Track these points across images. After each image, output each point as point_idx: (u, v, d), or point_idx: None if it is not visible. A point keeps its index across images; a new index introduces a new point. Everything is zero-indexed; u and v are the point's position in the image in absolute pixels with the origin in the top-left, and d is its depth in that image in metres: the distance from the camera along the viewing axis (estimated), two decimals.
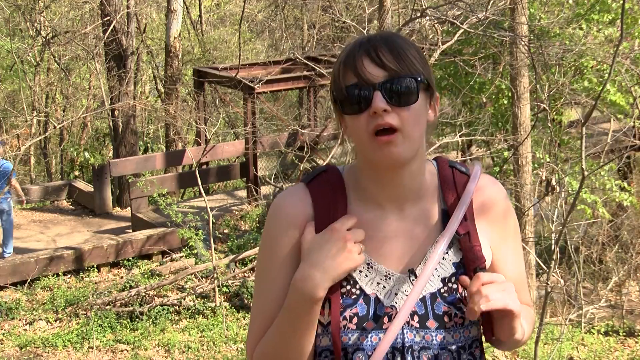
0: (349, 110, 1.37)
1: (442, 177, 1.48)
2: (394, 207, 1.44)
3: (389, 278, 1.41)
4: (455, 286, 1.41)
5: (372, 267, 1.41)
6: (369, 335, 1.38)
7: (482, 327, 1.47)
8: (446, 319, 1.40)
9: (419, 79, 1.35)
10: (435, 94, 1.43)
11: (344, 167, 1.52)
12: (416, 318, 1.39)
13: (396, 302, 1.39)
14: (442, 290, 1.41)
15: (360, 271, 1.41)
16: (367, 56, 1.35)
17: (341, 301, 1.39)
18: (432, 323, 1.40)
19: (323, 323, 1.41)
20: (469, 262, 1.42)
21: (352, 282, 1.40)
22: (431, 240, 1.43)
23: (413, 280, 1.40)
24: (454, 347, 1.41)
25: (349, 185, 1.47)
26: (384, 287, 1.40)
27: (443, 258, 1.42)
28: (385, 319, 1.39)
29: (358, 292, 1.40)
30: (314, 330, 1.39)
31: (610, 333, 8.90)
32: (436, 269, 1.41)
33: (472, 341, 1.45)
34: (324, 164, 9.83)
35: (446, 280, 1.41)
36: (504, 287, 1.35)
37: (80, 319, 7.83)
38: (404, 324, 1.38)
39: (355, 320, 1.39)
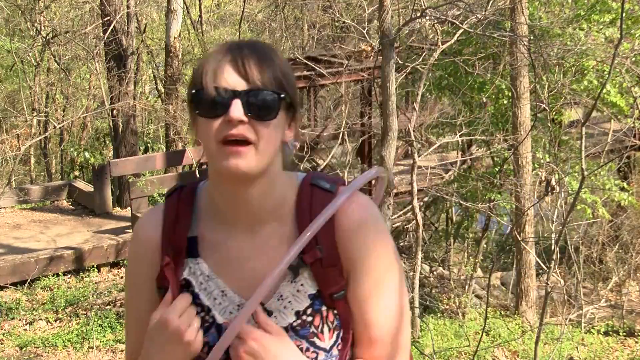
0: (203, 112, 1.29)
1: (298, 198, 1.38)
2: (245, 228, 1.37)
3: (242, 307, 1.34)
4: (310, 319, 1.34)
5: (225, 295, 1.36)
6: None
7: None
8: None
9: (282, 95, 1.29)
10: (297, 114, 1.36)
11: (204, 183, 1.44)
12: None
13: None
14: (294, 324, 1.33)
15: (215, 298, 1.36)
16: (233, 63, 1.28)
17: None
18: None
19: None
20: (324, 289, 1.34)
21: (206, 309, 1.36)
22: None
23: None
24: None
25: (202, 202, 1.41)
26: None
27: (297, 290, 1.34)
28: None
29: (211, 320, 1.35)
30: None
31: (610, 333, 8.91)
32: (290, 301, 1.34)
33: None
34: (324, 164, 9.72)
35: (300, 313, 1.34)
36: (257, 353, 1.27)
37: (80, 319, 7.84)
38: None
39: (206, 349, 1.33)
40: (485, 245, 12.75)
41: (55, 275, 8.84)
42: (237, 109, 1.25)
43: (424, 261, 11.64)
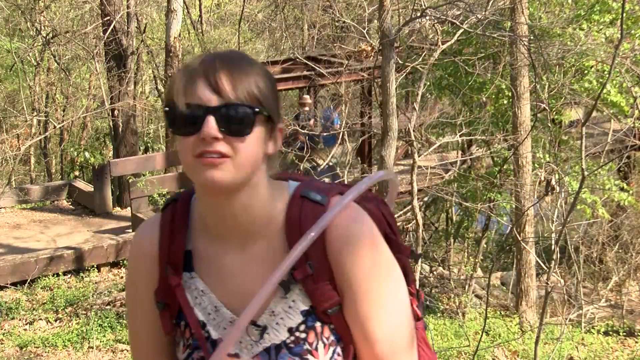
0: (177, 130, 1.28)
1: (287, 212, 1.34)
2: (235, 243, 1.35)
3: (234, 324, 1.33)
4: (303, 335, 1.32)
5: (218, 311, 1.36)
6: None
7: None
8: None
9: (257, 109, 1.26)
10: (278, 125, 1.33)
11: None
12: None
13: (239, 351, 1.34)
14: (287, 341, 1.32)
15: (209, 313, 1.36)
16: (204, 77, 1.25)
17: (191, 342, 1.37)
18: None
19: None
20: (317, 305, 1.32)
21: (201, 324, 1.37)
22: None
23: (256, 330, 1.33)
24: None
25: (195, 215, 1.40)
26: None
27: (289, 307, 1.32)
28: None
29: (206, 335, 1.36)
30: None
31: (610, 333, 8.91)
32: (282, 318, 1.32)
33: None
34: (324, 164, 9.69)
35: (293, 329, 1.33)
36: None
37: (80, 319, 7.84)
38: None
39: None
40: (485, 245, 12.76)
41: (55, 275, 8.84)
42: (210, 126, 1.23)
43: (424, 261, 11.64)
